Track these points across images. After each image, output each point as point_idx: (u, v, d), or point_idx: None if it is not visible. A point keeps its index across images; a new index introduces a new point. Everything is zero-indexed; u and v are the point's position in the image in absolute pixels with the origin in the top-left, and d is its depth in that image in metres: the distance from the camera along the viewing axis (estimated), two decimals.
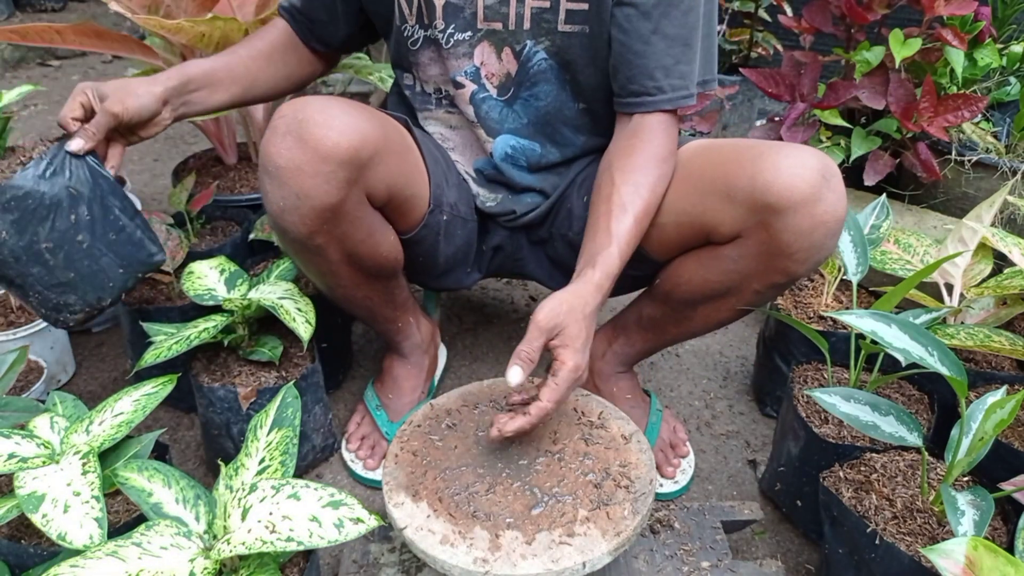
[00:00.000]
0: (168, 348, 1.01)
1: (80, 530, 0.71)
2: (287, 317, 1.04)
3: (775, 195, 0.87)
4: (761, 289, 0.97)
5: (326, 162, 0.86)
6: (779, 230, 0.88)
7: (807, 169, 0.87)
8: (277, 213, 0.91)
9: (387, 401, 1.22)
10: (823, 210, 0.87)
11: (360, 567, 0.96)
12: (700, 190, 0.95)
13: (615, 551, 0.77)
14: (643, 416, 1.18)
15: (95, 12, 3.42)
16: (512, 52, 1.02)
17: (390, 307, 1.14)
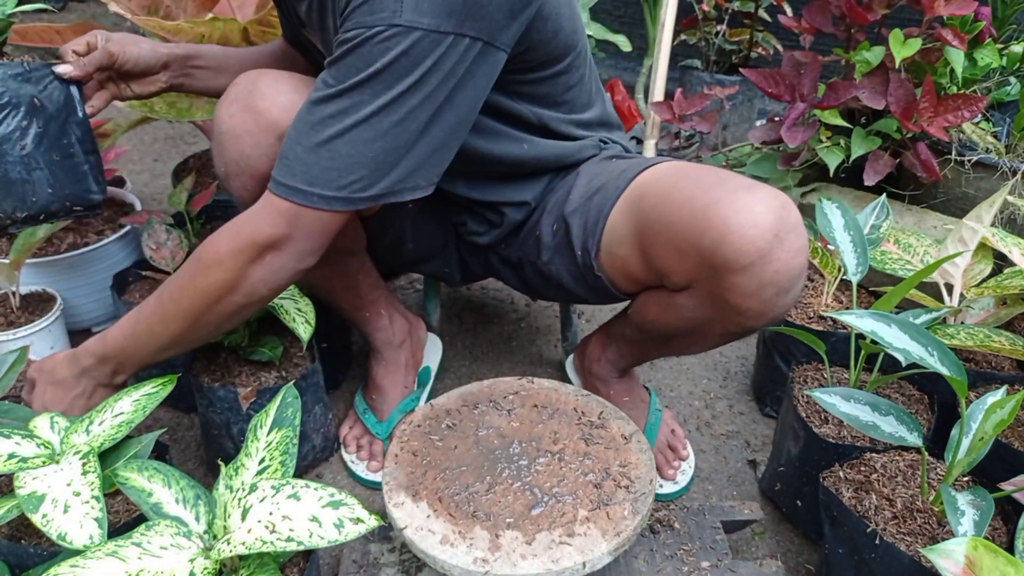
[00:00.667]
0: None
1: (80, 530, 0.71)
2: (287, 317, 1.04)
3: (722, 257, 0.81)
4: (723, 333, 0.94)
5: (265, 133, 0.88)
6: (727, 289, 0.84)
7: (757, 229, 0.80)
8: (223, 178, 0.94)
9: (372, 402, 1.23)
10: (773, 270, 0.81)
11: (360, 567, 0.96)
12: (653, 233, 0.90)
13: (615, 551, 0.77)
14: (641, 417, 1.18)
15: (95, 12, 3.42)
16: None
17: (353, 295, 1.14)
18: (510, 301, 1.66)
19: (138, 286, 1.36)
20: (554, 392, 0.99)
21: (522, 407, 0.96)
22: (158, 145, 2.43)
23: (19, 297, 1.32)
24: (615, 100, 2.16)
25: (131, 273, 1.36)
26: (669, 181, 0.91)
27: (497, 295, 1.68)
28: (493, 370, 1.44)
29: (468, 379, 1.41)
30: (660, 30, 1.87)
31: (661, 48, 1.86)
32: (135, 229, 1.52)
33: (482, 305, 1.64)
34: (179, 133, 2.52)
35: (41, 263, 1.40)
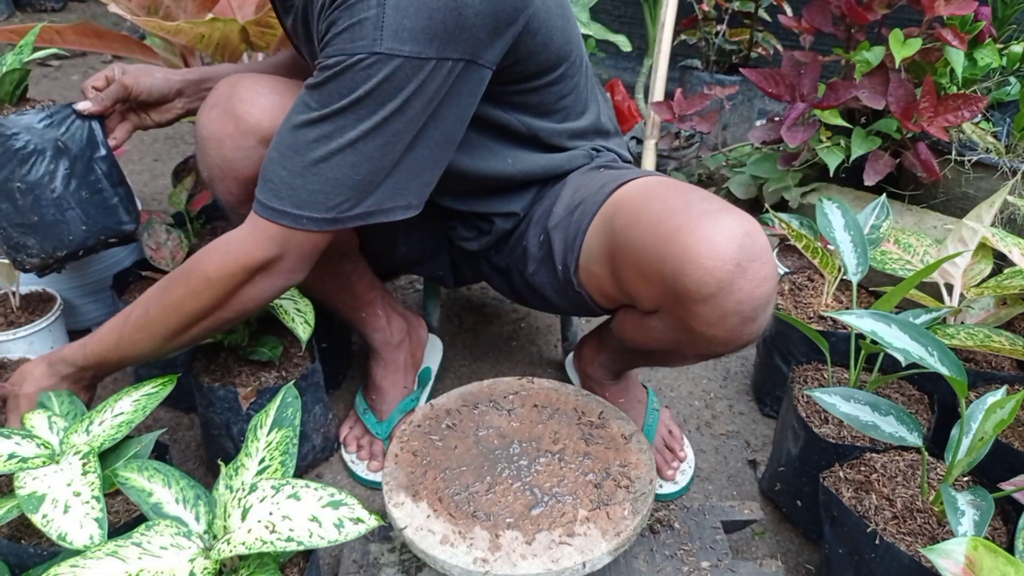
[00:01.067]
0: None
1: (80, 530, 0.71)
2: (286, 318, 1.04)
3: (682, 287, 0.79)
4: (698, 355, 0.94)
5: (246, 137, 0.90)
6: (692, 316, 0.82)
7: (717, 260, 0.77)
8: (208, 181, 0.96)
9: (371, 403, 1.23)
10: (736, 300, 0.78)
11: (360, 567, 0.96)
12: (620, 257, 0.89)
13: (615, 551, 0.77)
14: (638, 418, 1.18)
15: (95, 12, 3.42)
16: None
17: (348, 295, 1.15)
18: (510, 301, 1.66)
19: (138, 286, 1.36)
20: (554, 392, 0.99)
21: (522, 407, 0.96)
22: (158, 145, 2.43)
23: (19, 297, 1.32)
24: (615, 100, 2.16)
25: (131, 273, 1.36)
26: (640, 202, 0.89)
27: (497, 295, 1.68)
28: (493, 370, 1.44)
29: (468, 379, 1.41)
30: (660, 30, 1.87)
31: (661, 48, 1.86)
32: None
33: (482, 305, 1.64)
34: (179, 133, 2.52)
35: None
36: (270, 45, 1.46)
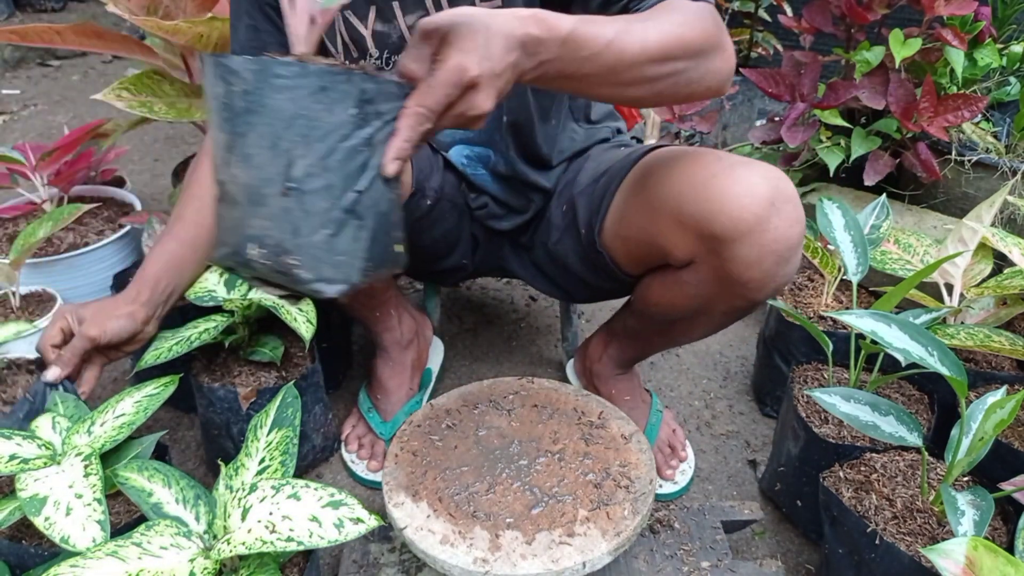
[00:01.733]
0: (168, 349, 1.01)
1: (83, 533, 0.71)
2: (288, 317, 1.04)
3: (720, 225, 0.83)
4: (727, 311, 0.95)
5: None
6: (727, 259, 0.85)
7: (754, 197, 0.82)
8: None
9: (376, 402, 1.23)
10: (771, 239, 0.83)
11: (360, 567, 0.96)
12: (654, 209, 0.91)
13: (615, 551, 0.77)
14: (642, 417, 1.18)
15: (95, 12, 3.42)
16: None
17: (365, 295, 1.15)
18: (510, 301, 1.66)
19: None
20: (554, 392, 0.99)
21: (522, 407, 0.96)
22: (158, 145, 2.43)
23: (19, 297, 1.32)
24: None
25: (131, 273, 1.36)
26: (671, 161, 0.92)
27: (497, 295, 1.68)
28: (493, 370, 1.44)
29: (468, 379, 1.41)
30: None
31: None
32: (135, 229, 1.52)
33: (482, 305, 1.64)
34: (179, 133, 2.52)
35: (41, 263, 1.40)
36: None
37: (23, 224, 1.51)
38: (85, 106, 2.72)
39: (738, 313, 0.96)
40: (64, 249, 1.43)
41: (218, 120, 0.57)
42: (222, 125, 0.57)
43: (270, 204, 0.57)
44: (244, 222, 0.59)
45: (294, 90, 0.55)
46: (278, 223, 0.58)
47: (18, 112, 2.68)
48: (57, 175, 1.46)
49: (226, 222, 0.61)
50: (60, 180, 1.46)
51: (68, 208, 1.29)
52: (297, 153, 0.56)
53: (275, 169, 0.57)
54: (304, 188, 0.57)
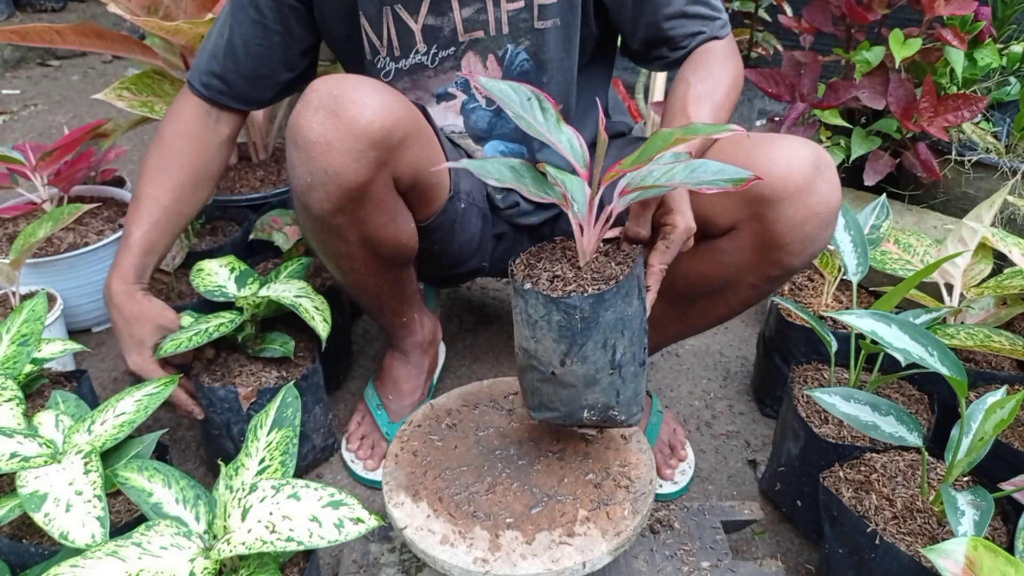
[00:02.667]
0: (188, 339, 1.01)
1: (82, 529, 0.71)
2: (307, 315, 1.05)
3: (769, 186, 0.86)
4: (757, 283, 0.97)
5: (358, 140, 0.85)
6: (772, 221, 0.88)
7: (801, 160, 0.87)
8: (303, 189, 0.89)
9: (387, 401, 1.22)
10: (816, 200, 0.87)
11: (360, 567, 0.96)
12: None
13: (615, 551, 0.77)
14: (643, 417, 1.18)
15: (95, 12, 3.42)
16: (495, 59, 1.03)
17: (398, 299, 1.13)
18: (510, 301, 1.66)
19: None
20: None
21: (522, 407, 0.96)
22: None
23: (19, 297, 1.32)
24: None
25: None
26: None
27: (497, 295, 1.68)
28: (493, 370, 1.44)
29: (468, 379, 1.41)
30: None
31: None
32: None
33: (482, 305, 1.64)
34: None
35: (41, 263, 1.40)
36: None
37: (23, 224, 1.51)
38: (85, 106, 2.72)
39: (766, 285, 0.97)
40: (64, 249, 1.43)
41: (554, 334, 0.73)
42: (559, 338, 0.73)
43: (601, 383, 0.75)
44: (579, 397, 0.76)
45: (615, 305, 0.72)
46: (606, 393, 0.76)
47: (18, 112, 2.68)
48: (57, 175, 1.46)
49: (556, 396, 0.77)
50: (60, 180, 1.46)
51: (68, 208, 1.29)
52: (619, 344, 0.74)
53: (605, 359, 0.74)
54: (622, 363, 0.75)
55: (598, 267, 0.76)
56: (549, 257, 0.79)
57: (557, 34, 1.01)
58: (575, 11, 1.00)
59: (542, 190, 0.76)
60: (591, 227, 0.75)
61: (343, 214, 0.91)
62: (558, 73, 1.04)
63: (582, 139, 0.76)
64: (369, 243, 0.98)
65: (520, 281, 0.75)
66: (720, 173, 0.72)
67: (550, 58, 1.03)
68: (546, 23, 1.00)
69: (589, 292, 0.71)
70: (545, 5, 0.99)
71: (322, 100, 0.85)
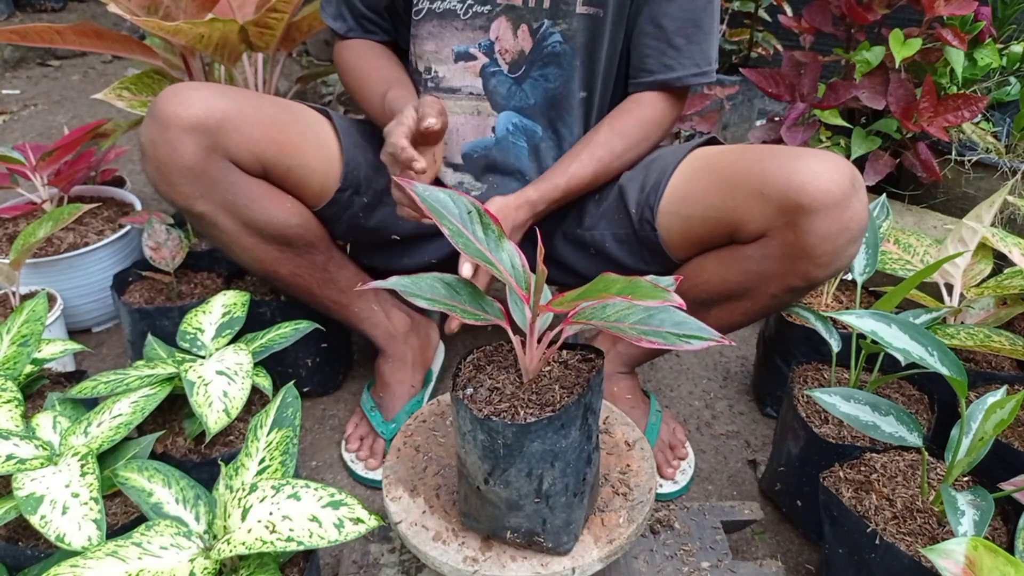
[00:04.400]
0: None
1: (79, 531, 0.71)
2: (197, 401, 0.89)
3: (809, 196, 0.89)
4: (777, 292, 0.98)
5: (170, 130, 0.95)
6: (806, 231, 0.90)
7: (840, 175, 0.89)
8: (155, 188, 1.00)
9: (380, 401, 1.23)
10: (850, 216, 0.89)
11: (360, 567, 0.96)
12: (731, 185, 0.96)
13: (607, 559, 0.76)
14: (643, 417, 1.18)
15: (95, 12, 3.42)
16: (528, 30, 1.04)
17: (332, 288, 1.15)
18: None
19: (138, 286, 1.36)
20: None
21: None
22: None
23: (19, 297, 1.32)
24: None
25: (131, 273, 1.36)
26: (743, 148, 1.02)
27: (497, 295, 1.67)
28: None
29: None
30: None
31: None
32: (135, 229, 1.52)
33: None
34: None
35: (41, 263, 1.40)
36: (269, 45, 1.46)
37: (23, 224, 1.51)
38: (85, 106, 2.72)
39: (786, 296, 0.98)
40: (64, 249, 1.43)
41: (479, 452, 0.70)
42: (483, 457, 0.70)
43: (525, 509, 0.72)
44: (503, 518, 0.73)
45: (544, 437, 0.68)
46: (531, 520, 0.73)
47: (18, 112, 2.68)
48: (57, 175, 1.46)
49: (482, 510, 0.74)
50: (60, 180, 1.46)
51: (68, 208, 1.29)
52: (546, 475, 0.70)
53: (530, 487, 0.71)
54: (551, 494, 0.71)
55: (543, 387, 0.72)
56: (500, 363, 0.76)
57: (598, 24, 1.02)
58: (620, 7, 1.02)
59: (480, 308, 0.74)
60: (533, 347, 0.72)
61: (199, 201, 0.99)
62: (588, 61, 1.05)
63: (524, 258, 0.74)
64: (248, 230, 1.04)
65: (459, 385, 0.72)
66: (679, 327, 0.68)
67: (583, 44, 1.03)
68: (589, 9, 1.01)
69: (518, 419, 0.68)
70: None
71: (150, 109, 0.98)
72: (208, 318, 1.07)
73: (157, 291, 1.34)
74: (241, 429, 1.03)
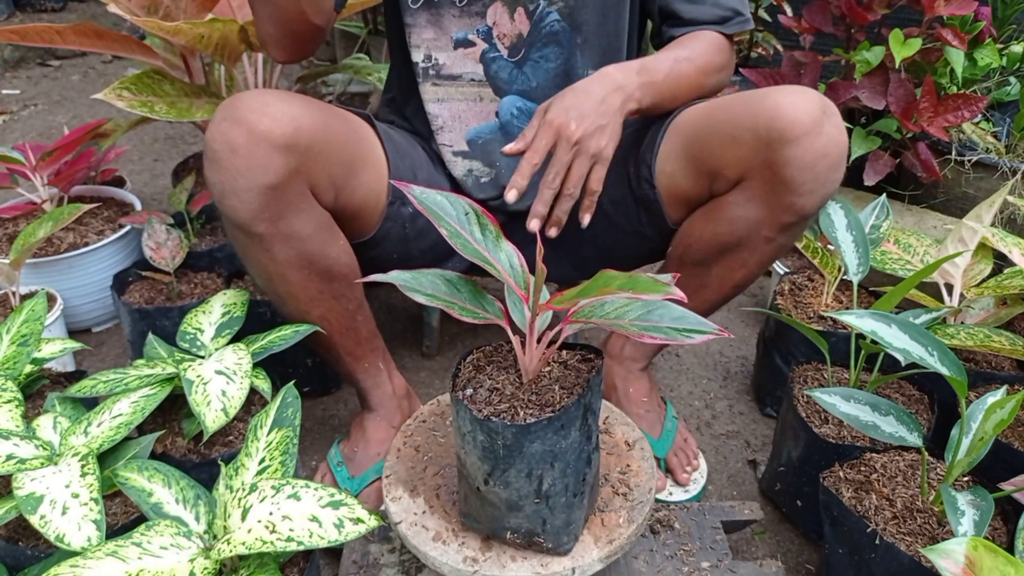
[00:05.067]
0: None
1: (79, 532, 0.71)
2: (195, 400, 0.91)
3: (778, 129, 0.88)
4: (771, 235, 0.97)
5: (259, 144, 0.86)
6: (782, 164, 0.89)
7: (807, 103, 0.88)
8: (219, 198, 0.90)
9: (350, 455, 1.13)
10: (825, 141, 0.88)
11: (360, 567, 0.96)
12: (705, 134, 0.96)
13: (606, 559, 0.76)
14: (657, 421, 1.16)
15: (95, 12, 3.42)
16: (525, 12, 1.03)
17: (351, 339, 1.07)
18: None
19: (138, 286, 1.36)
20: None
21: None
22: (158, 145, 2.43)
23: (19, 297, 1.32)
24: None
25: (131, 273, 1.36)
26: (715, 100, 1.01)
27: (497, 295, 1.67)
28: None
29: None
30: None
31: None
32: (135, 229, 1.52)
33: None
34: (179, 133, 2.52)
35: (41, 263, 1.40)
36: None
37: (23, 224, 1.51)
38: (85, 106, 2.72)
39: (781, 236, 0.97)
40: (64, 249, 1.43)
41: (479, 452, 0.70)
42: (483, 457, 0.70)
43: (525, 509, 0.72)
44: (502, 518, 0.73)
45: (544, 437, 0.68)
46: (531, 520, 0.73)
47: (18, 112, 2.68)
48: (57, 175, 1.46)
49: (482, 511, 0.74)
50: (60, 180, 1.46)
51: (68, 208, 1.29)
52: (546, 475, 0.70)
53: (530, 488, 0.71)
54: (550, 494, 0.71)
55: (542, 387, 0.72)
56: (500, 363, 0.76)
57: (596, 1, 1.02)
58: None
59: (480, 307, 0.73)
60: (532, 347, 0.72)
61: (263, 222, 0.90)
62: (595, 38, 1.04)
63: (522, 257, 0.73)
64: (300, 262, 0.95)
65: (458, 386, 0.72)
66: (678, 321, 0.67)
67: (586, 21, 1.03)
68: None
69: (517, 419, 0.68)
70: None
71: (225, 112, 0.88)
72: (208, 318, 1.07)
73: (157, 291, 1.34)
74: (241, 429, 1.03)
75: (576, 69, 1.06)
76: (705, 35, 1.03)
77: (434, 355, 1.48)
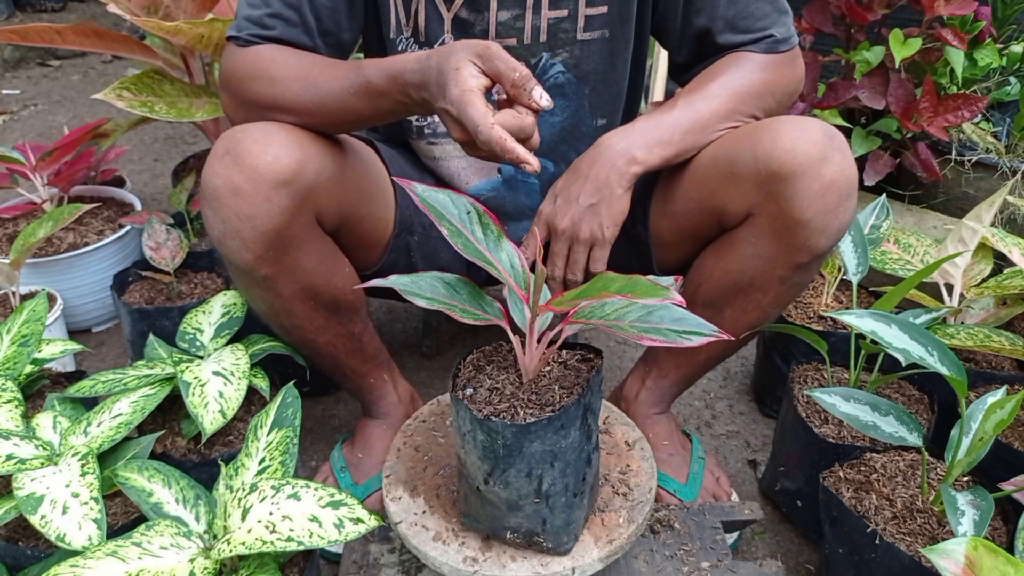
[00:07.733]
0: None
1: (79, 531, 0.71)
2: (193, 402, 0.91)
3: (778, 161, 0.83)
4: (785, 274, 0.91)
5: (265, 181, 0.81)
6: (788, 198, 0.84)
7: (808, 131, 0.84)
8: (219, 240, 0.85)
9: (354, 461, 1.11)
10: (831, 170, 0.83)
11: (360, 567, 0.96)
12: (704, 173, 0.92)
13: (607, 559, 0.76)
14: (683, 464, 1.09)
15: (95, 12, 3.42)
16: (527, 66, 0.97)
17: (358, 358, 1.05)
18: None
19: (138, 286, 1.36)
20: None
21: None
22: (158, 145, 2.43)
23: (19, 297, 1.32)
24: None
25: (131, 273, 1.36)
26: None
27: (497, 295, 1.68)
28: None
29: None
30: None
31: (661, 48, 1.86)
32: (135, 229, 1.52)
33: None
34: (179, 133, 2.52)
35: (41, 263, 1.40)
36: None
37: (23, 224, 1.51)
38: (85, 106, 2.72)
39: (796, 276, 0.91)
40: (64, 249, 1.43)
41: (479, 452, 0.70)
42: (483, 457, 0.70)
43: (525, 509, 0.72)
44: (502, 518, 0.73)
45: (543, 437, 0.68)
46: (531, 520, 0.73)
47: (18, 112, 2.68)
48: (57, 175, 1.46)
49: (482, 510, 0.75)
50: (60, 180, 1.46)
51: (68, 208, 1.29)
52: (546, 475, 0.70)
53: (529, 488, 0.71)
54: (550, 494, 0.71)
55: (542, 387, 0.72)
56: (500, 363, 0.76)
57: (603, 47, 0.97)
58: (626, 24, 0.96)
59: (479, 308, 0.73)
60: (532, 347, 0.71)
61: (267, 263, 0.86)
62: (602, 86, 1.01)
63: (523, 258, 0.72)
64: (305, 295, 0.92)
65: (458, 386, 0.72)
66: (678, 323, 0.67)
67: (593, 70, 0.99)
68: (592, 35, 0.96)
69: (517, 419, 0.68)
70: (592, 16, 0.95)
71: (226, 146, 0.82)
72: (208, 318, 1.07)
73: (157, 291, 1.34)
74: (241, 429, 1.03)
75: (584, 120, 1.02)
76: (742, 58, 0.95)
77: (434, 355, 1.48)
